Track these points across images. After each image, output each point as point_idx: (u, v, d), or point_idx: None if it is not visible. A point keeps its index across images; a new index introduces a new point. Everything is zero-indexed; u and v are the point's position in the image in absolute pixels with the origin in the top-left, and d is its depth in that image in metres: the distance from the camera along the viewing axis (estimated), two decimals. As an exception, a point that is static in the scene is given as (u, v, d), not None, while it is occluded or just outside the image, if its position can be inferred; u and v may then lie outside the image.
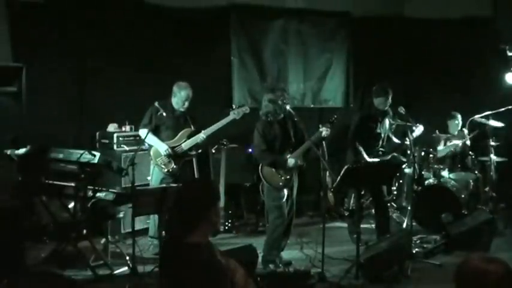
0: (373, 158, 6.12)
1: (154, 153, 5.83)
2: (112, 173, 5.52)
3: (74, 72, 6.77)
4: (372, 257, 5.00)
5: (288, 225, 5.43)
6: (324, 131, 5.25)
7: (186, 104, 5.86)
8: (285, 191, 5.30)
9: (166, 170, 5.79)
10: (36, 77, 6.16)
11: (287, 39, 8.01)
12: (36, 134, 6.07)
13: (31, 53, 6.36)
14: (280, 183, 5.28)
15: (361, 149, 6.03)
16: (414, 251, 5.49)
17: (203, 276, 2.65)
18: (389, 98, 6.18)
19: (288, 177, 5.29)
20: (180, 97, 5.82)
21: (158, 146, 5.78)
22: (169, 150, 5.76)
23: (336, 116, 5.59)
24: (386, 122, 6.33)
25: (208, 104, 6.91)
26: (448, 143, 7.22)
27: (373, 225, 6.11)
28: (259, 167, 5.30)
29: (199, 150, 6.32)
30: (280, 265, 5.27)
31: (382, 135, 6.31)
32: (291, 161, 5.24)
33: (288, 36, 8.01)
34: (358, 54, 8.33)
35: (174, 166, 5.79)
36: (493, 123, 6.96)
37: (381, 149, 6.32)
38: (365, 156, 6.03)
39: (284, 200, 5.28)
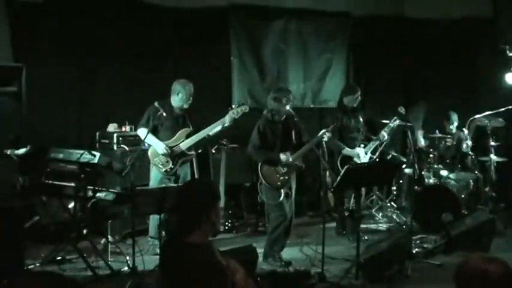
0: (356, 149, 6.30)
1: (152, 153, 5.82)
2: (112, 173, 5.52)
3: (74, 72, 6.77)
4: (372, 257, 5.00)
5: (288, 225, 5.43)
6: (326, 136, 5.31)
7: (191, 99, 5.84)
8: (282, 191, 5.31)
9: (164, 169, 5.77)
10: (36, 77, 6.16)
11: (287, 39, 8.00)
12: (36, 134, 6.08)
13: (31, 53, 6.36)
14: (279, 183, 5.29)
15: (341, 143, 6.25)
16: (414, 251, 5.48)
17: (203, 277, 2.65)
18: (358, 96, 6.39)
19: (287, 177, 5.31)
20: (185, 93, 5.76)
21: (156, 145, 5.77)
22: (167, 149, 5.75)
23: (336, 124, 5.74)
24: (360, 118, 6.49)
25: (208, 104, 6.91)
26: (441, 143, 7.20)
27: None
28: (259, 166, 5.32)
29: (199, 150, 6.31)
30: (279, 263, 5.29)
31: (360, 128, 6.47)
32: (283, 157, 5.26)
33: (288, 36, 8.01)
34: (358, 54, 8.33)
35: (172, 166, 5.78)
36: (493, 123, 6.97)
37: (363, 142, 6.44)
38: (347, 148, 6.25)
39: (282, 198, 5.29)
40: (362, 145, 6.37)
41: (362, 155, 6.24)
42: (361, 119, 6.49)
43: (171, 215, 4.80)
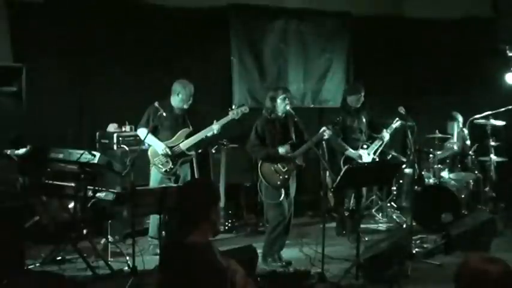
0: (359, 151, 6.30)
1: (152, 153, 5.82)
2: (112, 173, 5.52)
3: (74, 72, 6.77)
4: (372, 257, 5.00)
5: (286, 225, 5.43)
6: (326, 134, 5.30)
7: (191, 100, 5.84)
8: (282, 190, 5.31)
9: (163, 169, 5.77)
10: (36, 77, 6.16)
11: (287, 39, 8.00)
12: (36, 134, 6.08)
13: (31, 53, 6.36)
14: (278, 183, 5.29)
15: (345, 144, 6.25)
16: (414, 251, 5.48)
17: (203, 277, 2.65)
18: (362, 96, 6.37)
19: (286, 176, 5.31)
20: (185, 93, 5.77)
21: (156, 145, 5.78)
22: (167, 149, 5.75)
23: (339, 119, 5.71)
24: (363, 118, 6.47)
25: (208, 104, 6.91)
26: (447, 145, 7.23)
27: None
28: (259, 166, 5.32)
29: (199, 150, 6.30)
30: (279, 262, 5.29)
31: (363, 129, 6.45)
32: (281, 149, 5.26)
33: (288, 36, 8.01)
34: (358, 54, 8.33)
35: (172, 166, 5.79)
36: (493, 123, 6.97)
37: (366, 143, 6.42)
38: (350, 150, 6.24)
39: (282, 198, 5.29)
40: (365, 146, 6.36)
41: (365, 157, 6.24)
42: (364, 120, 6.47)
43: (171, 215, 4.80)
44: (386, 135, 6.35)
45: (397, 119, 6.34)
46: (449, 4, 8.21)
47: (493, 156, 6.97)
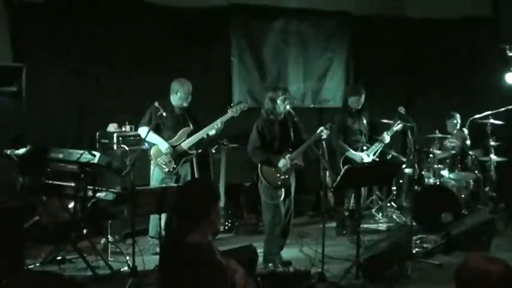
0: (359, 152, 6.33)
1: (155, 153, 5.82)
2: (112, 173, 5.52)
3: (74, 72, 6.77)
4: (372, 257, 5.00)
5: (286, 225, 5.43)
6: (324, 134, 5.30)
7: (190, 98, 5.85)
8: (282, 190, 5.31)
9: (167, 169, 5.78)
10: (36, 77, 6.17)
11: (287, 39, 8.00)
12: (36, 134, 6.08)
13: (31, 53, 6.37)
14: (279, 183, 5.28)
15: (346, 145, 6.30)
16: (414, 251, 5.48)
17: (203, 276, 2.65)
18: (362, 97, 6.40)
19: (286, 176, 5.30)
20: (183, 91, 5.79)
21: (159, 143, 5.78)
22: (171, 148, 5.76)
23: (335, 118, 5.78)
24: (364, 120, 6.49)
25: (208, 104, 6.91)
26: (446, 144, 7.24)
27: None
28: (259, 166, 5.31)
29: (200, 150, 6.31)
30: (279, 265, 5.28)
31: (363, 131, 6.47)
32: (281, 163, 5.25)
33: (288, 36, 8.00)
34: (358, 54, 8.33)
35: (175, 166, 5.79)
36: (493, 123, 6.97)
37: (366, 144, 6.45)
38: (351, 151, 6.28)
39: (281, 199, 5.29)
40: (365, 148, 6.36)
41: (365, 159, 6.24)
42: (364, 121, 6.48)
43: (171, 214, 4.80)
44: (386, 137, 6.36)
45: (398, 121, 6.33)
46: (449, 4, 8.20)
47: (493, 156, 6.97)
